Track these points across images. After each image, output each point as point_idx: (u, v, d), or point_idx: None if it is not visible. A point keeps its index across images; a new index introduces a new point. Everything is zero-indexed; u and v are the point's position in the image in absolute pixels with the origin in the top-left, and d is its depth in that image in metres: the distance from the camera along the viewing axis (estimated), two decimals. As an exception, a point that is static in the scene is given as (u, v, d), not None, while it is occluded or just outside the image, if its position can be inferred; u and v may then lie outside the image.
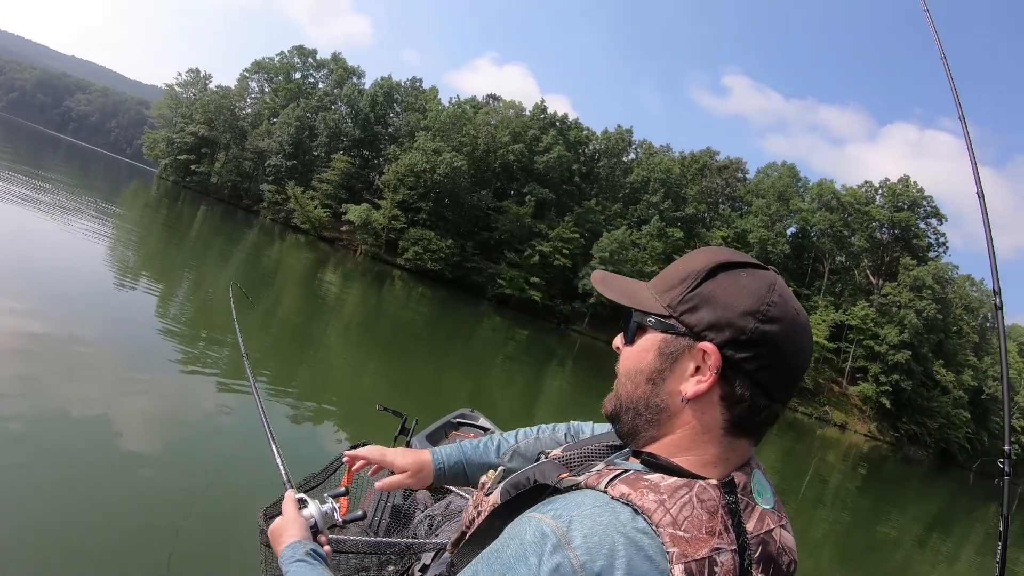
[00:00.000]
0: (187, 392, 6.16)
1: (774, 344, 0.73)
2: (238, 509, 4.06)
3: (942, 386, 47.26)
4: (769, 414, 0.76)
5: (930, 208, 50.37)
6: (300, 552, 1.13)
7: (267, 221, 50.96)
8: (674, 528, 0.68)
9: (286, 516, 1.24)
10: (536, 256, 44.28)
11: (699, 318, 0.75)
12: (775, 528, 0.76)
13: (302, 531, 1.21)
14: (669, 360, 0.77)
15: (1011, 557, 11.15)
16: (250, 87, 63.21)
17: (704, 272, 0.77)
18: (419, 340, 16.55)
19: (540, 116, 49.02)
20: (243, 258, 21.19)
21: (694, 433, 0.76)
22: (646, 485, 0.71)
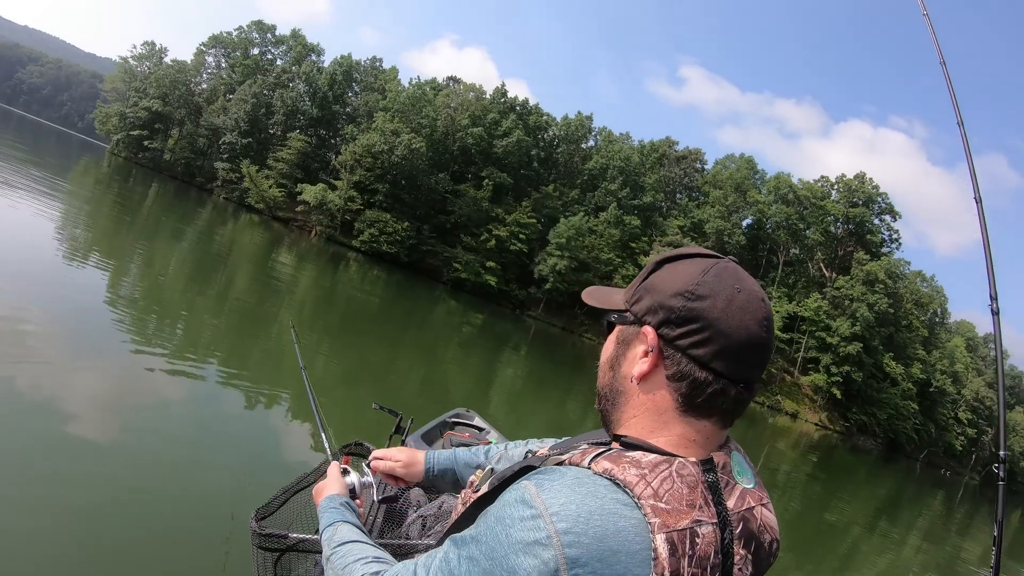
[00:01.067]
0: (140, 380, 5.74)
1: (706, 318, 0.77)
2: (218, 508, 3.91)
3: (891, 378, 48.36)
4: (718, 391, 0.77)
5: (884, 205, 51.34)
6: (336, 502, 1.22)
7: (221, 200, 49.68)
8: (655, 500, 0.70)
9: (330, 477, 1.35)
10: (493, 240, 43.81)
11: (641, 306, 0.82)
12: (756, 506, 0.79)
13: (342, 489, 1.31)
14: (623, 347, 0.85)
15: (964, 547, 11.07)
16: (207, 62, 61.16)
17: (652, 267, 0.85)
18: (373, 324, 16.25)
19: (500, 100, 48.41)
20: (196, 238, 20.55)
21: (652, 414, 0.80)
22: (628, 461, 0.74)
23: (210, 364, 6.99)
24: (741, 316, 0.78)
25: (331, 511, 1.19)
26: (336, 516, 1.17)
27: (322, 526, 1.17)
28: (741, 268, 0.83)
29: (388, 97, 48.76)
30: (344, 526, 1.12)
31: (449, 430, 3.88)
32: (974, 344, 62.32)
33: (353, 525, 1.14)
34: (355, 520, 1.17)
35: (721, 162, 51.53)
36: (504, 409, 11.06)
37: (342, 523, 1.14)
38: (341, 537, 1.08)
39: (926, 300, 52.00)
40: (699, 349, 0.77)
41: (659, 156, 49.69)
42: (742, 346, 0.77)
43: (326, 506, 1.22)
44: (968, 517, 28.23)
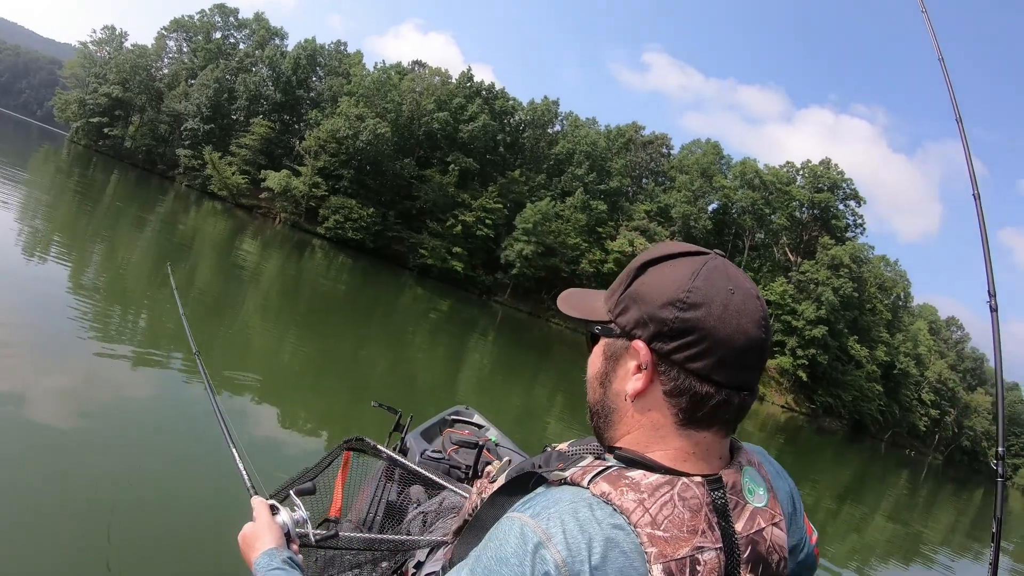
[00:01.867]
0: (102, 376, 5.48)
1: (702, 329, 0.71)
2: (202, 521, 3.73)
3: (856, 361, 49.13)
4: (721, 402, 0.73)
5: (849, 190, 51.91)
6: (277, 560, 1.08)
7: (183, 188, 48.74)
8: (653, 528, 0.67)
9: (259, 521, 1.19)
10: (459, 226, 43.49)
11: (628, 318, 0.76)
12: (767, 527, 0.75)
13: (277, 538, 1.15)
14: (612, 362, 0.78)
15: (928, 524, 11.04)
16: (168, 46, 59.66)
17: (634, 271, 0.78)
18: (339, 311, 16.05)
19: (466, 84, 47.93)
20: (158, 226, 20.13)
21: (648, 430, 0.76)
22: (627, 483, 0.70)
23: (174, 355, 6.81)
24: (738, 320, 0.72)
25: (275, 572, 1.04)
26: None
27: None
28: (730, 263, 0.77)
29: (353, 82, 48.03)
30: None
31: (448, 427, 3.83)
32: (936, 327, 63.66)
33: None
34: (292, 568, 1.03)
35: (687, 147, 51.71)
36: (473, 395, 10.97)
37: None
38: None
39: (889, 284, 52.88)
40: (697, 362, 0.71)
41: (625, 141, 49.70)
42: (742, 352, 0.72)
43: (266, 566, 1.06)
44: (932, 495, 28.92)
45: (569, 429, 10.91)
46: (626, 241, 44.43)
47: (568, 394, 16.98)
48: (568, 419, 12.14)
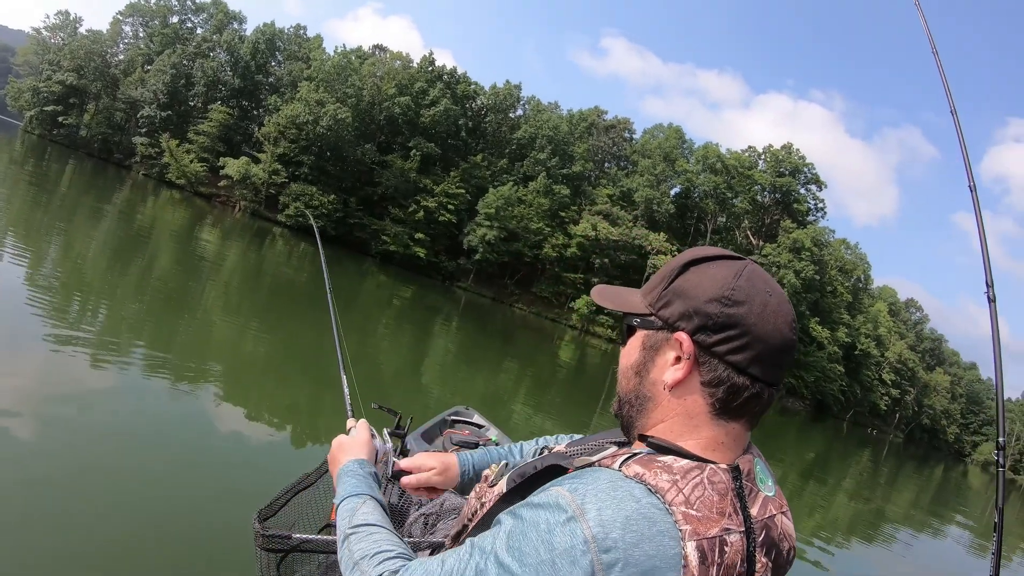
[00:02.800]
0: (60, 368, 5.25)
1: (743, 325, 0.76)
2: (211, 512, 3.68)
3: (818, 342, 50.00)
4: (754, 395, 0.77)
5: (810, 175, 52.60)
6: (365, 469, 1.11)
7: (140, 176, 47.61)
8: (686, 507, 0.70)
9: (360, 436, 1.23)
10: (421, 212, 43.16)
11: (672, 311, 0.80)
12: (777, 514, 0.79)
13: (369, 454, 1.19)
14: (651, 353, 0.82)
15: (891, 499, 11.07)
16: (124, 32, 58.20)
17: (677, 269, 0.83)
18: (301, 300, 15.76)
19: (428, 69, 47.43)
20: (115, 217, 19.53)
21: (683, 419, 0.79)
22: (659, 466, 0.73)
23: (135, 349, 6.58)
24: (775, 320, 0.77)
25: (357, 479, 1.06)
26: (363, 487, 1.03)
27: (343, 493, 1.03)
28: (762, 269, 0.82)
29: (313, 66, 47.23)
30: (371, 503, 1.00)
31: (449, 428, 3.82)
32: (896, 309, 65.13)
33: (380, 505, 1.01)
34: (382, 498, 1.04)
35: (649, 131, 51.92)
36: (438, 382, 10.85)
37: (370, 499, 1.01)
38: (366, 516, 0.96)
39: (850, 267, 53.88)
40: (737, 355, 0.76)
41: (588, 125, 49.70)
42: (776, 350, 0.77)
43: (352, 471, 1.08)
44: (894, 472, 29.61)
45: (536, 413, 10.92)
46: (589, 225, 44.52)
47: (533, 379, 16.99)
48: (534, 404, 12.18)
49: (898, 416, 64.59)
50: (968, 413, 78.45)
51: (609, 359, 34.08)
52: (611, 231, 44.36)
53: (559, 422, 10.88)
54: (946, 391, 70.16)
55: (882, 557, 9.65)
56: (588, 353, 34.38)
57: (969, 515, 20.03)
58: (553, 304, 45.91)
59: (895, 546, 10.73)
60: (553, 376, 19.47)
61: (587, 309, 43.97)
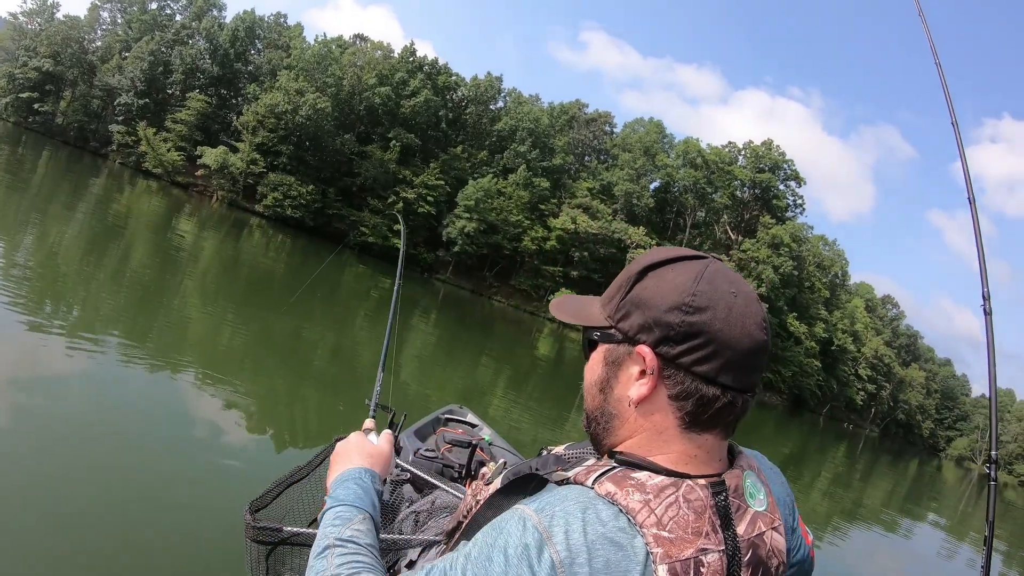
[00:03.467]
0: (36, 360, 5.15)
1: (708, 332, 0.72)
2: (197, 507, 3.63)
3: (795, 337, 50.51)
4: (726, 404, 0.73)
5: (790, 171, 53.03)
6: (376, 481, 1.04)
7: (116, 165, 47.00)
8: (658, 528, 0.67)
9: (382, 448, 1.16)
10: (400, 203, 42.95)
11: (632, 323, 0.76)
12: (767, 531, 0.75)
13: (386, 471, 1.12)
14: (614, 368, 0.78)
15: (866, 493, 11.13)
16: (101, 17, 57.29)
17: (634, 276, 0.78)
18: (279, 291, 15.70)
19: (408, 59, 47.16)
20: (90, 207, 19.29)
21: (651, 434, 0.76)
22: (632, 484, 0.70)
23: (110, 341, 6.47)
24: (743, 323, 0.73)
25: (363, 490, 0.98)
26: (366, 502, 0.96)
27: (344, 497, 0.95)
28: (726, 266, 0.78)
29: (292, 55, 46.79)
30: (369, 523, 0.92)
31: (442, 427, 3.79)
32: (873, 305, 65.96)
33: (375, 529, 0.93)
34: (380, 521, 0.98)
35: (630, 125, 52.09)
36: (416, 376, 10.77)
37: (369, 517, 0.94)
38: (360, 535, 0.88)
39: (828, 263, 54.40)
40: (704, 365, 0.72)
41: (569, 119, 49.72)
42: (747, 354, 0.73)
43: (360, 479, 1.00)
44: (869, 465, 30.06)
45: (514, 407, 10.91)
46: (569, 218, 44.61)
47: (512, 371, 17.06)
48: (512, 397, 12.14)
49: (874, 411, 65.49)
50: (943, 409, 79.74)
51: (587, 352, 34.05)
52: (591, 224, 44.47)
53: (536, 416, 10.88)
54: (921, 387, 71.21)
55: (858, 551, 9.73)
56: (567, 347, 34.49)
57: (943, 509, 20.50)
58: (532, 297, 45.99)
59: (871, 540, 10.83)
60: (532, 370, 19.52)
61: (566, 302, 43.95)
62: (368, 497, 0.97)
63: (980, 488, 40.59)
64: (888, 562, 9.80)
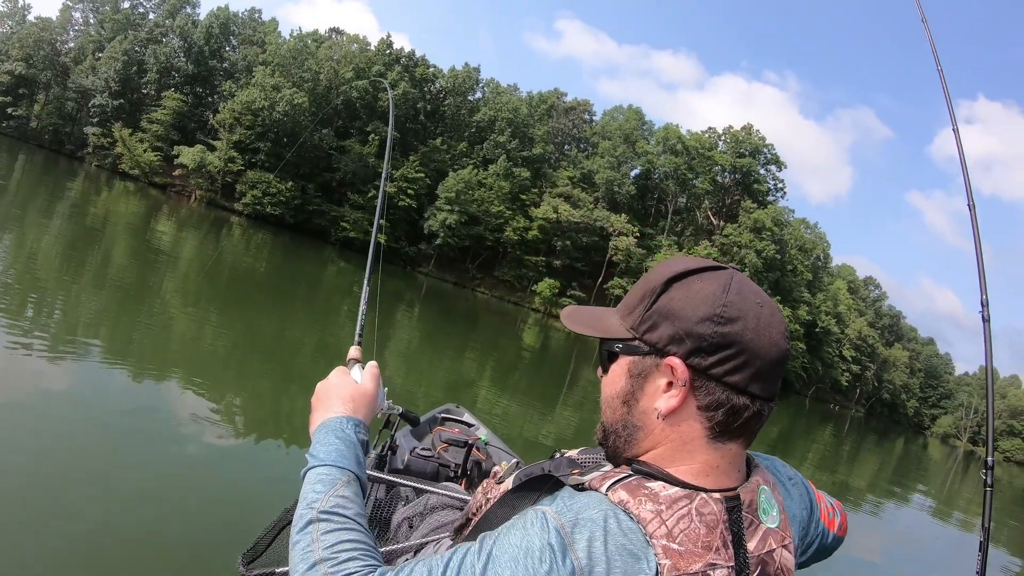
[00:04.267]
0: (16, 369, 4.93)
1: (740, 342, 0.72)
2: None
3: (779, 320, 50.82)
4: (755, 414, 0.74)
5: (770, 155, 53.35)
6: (360, 435, 0.93)
7: (92, 168, 46.49)
8: (668, 540, 0.67)
9: (366, 387, 1.03)
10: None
11: (660, 335, 0.75)
12: (777, 548, 0.75)
13: (371, 415, 1.00)
14: (640, 380, 0.77)
15: (853, 473, 11.12)
16: (74, 18, 56.63)
17: (658, 288, 0.77)
18: (261, 290, 15.62)
19: (385, 52, 46.89)
20: (67, 211, 19.03)
21: (677, 444, 0.75)
22: (646, 494, 0.70)
23: (91, 347, 6.36)
24: (769, 332, 0.73)
25: (346, 445, 0.88)
26: (350, 459, 0.87)
27: (324, 456, 0.86)
28: (747, 278, 0.78)
29: (268, 51, 46.43)
30: (354, 486, 0.84)
31: (438, 426, 3.78)
32: (855, 286, 66.60)
33: (362, 489, 0.85)
34: (366, 478, 0.88)
35: (609, 113, 52.15)
36: (402, 371, 10.68)
37: (354, 479, 0.85)
38: (345, 504, 0.80)
39: (810, 246, 54.80)
40: (736, 375, 0.72)
41: (548, 108, 49.67)
42: (774, 363, 0.74)
43: (341, 430, 0.90)
44: (856, 445, 30.32)
45: (501, 397, 10.86)
46: (550, 208, 44.64)
47: (498, 362, 17.02)
48: (499, 387, 12.11)
49: (859, 391, 66.23)
50: (927, 387, 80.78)
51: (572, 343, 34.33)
52: (572, 213, 44.52)
53: (524, 406, 10.85)
54: (905, 366, 72.10)
55: (849, 530, 9.83)
56: (552, 336, 34.57)
57: (931, 487, 20.72)
58: (515, 288, 46.03)
59: (861, 520, 10.80)
60: (517, 361, 19.50)
61: (550, 292, 44.15)
62: (352, 452, 0.89)
63: (967, 465, 41.10)
64: (881, 541, 9.80)
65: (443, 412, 4.09)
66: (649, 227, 48.91)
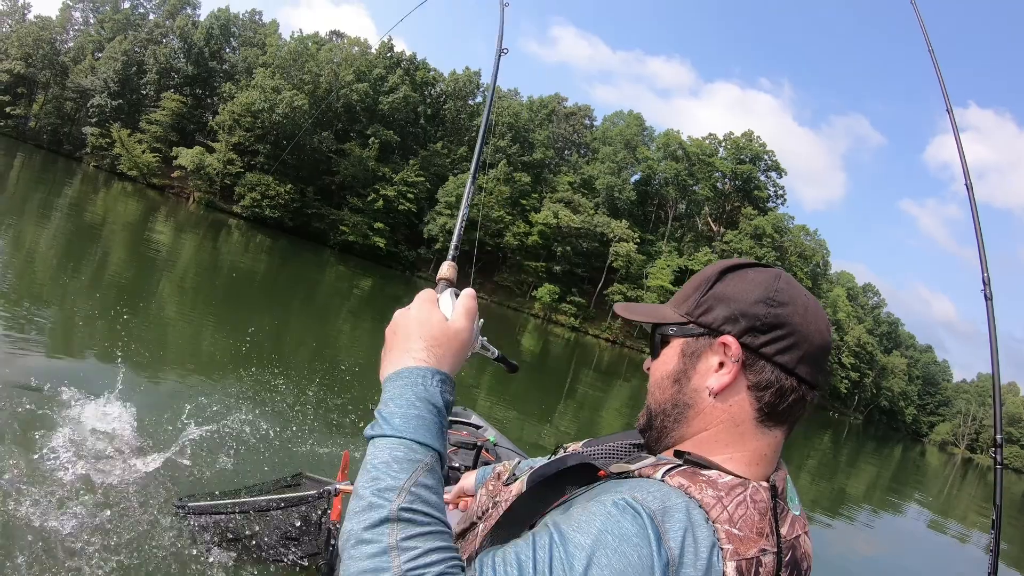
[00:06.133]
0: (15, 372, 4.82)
1: (791, 324, 0.76)
2: None
3: (779, 328, 50.71)
4: (799, 398, 0.77)
5: (771, 162, 53.29)
6: (447, 394, 0.76)
7: (91, 168, 46.40)
8: (730, 525, 0.68)
9: (459, 324, 0.81)
10: (380, 201, 42.70)
11: (715, 315, 0.79)
12: (801, 535, 0.78)
13: (459, 364, 0.81)
14: (692, 360, 0.80)
15: (849, 482, 10.96)
16: (73, 17, 56.56)
17: (714, 277, 0.82)
18: (259, 293, 15.52)
19: (386, 55, 46.78)
20: (65, 212, 18.77)
21: (727, 427, 0.77)
22: (704, 480, 0.71)
23: (88, 348, 6.29)
24: (816, 321, 0.77)
25: (430, 411, 0.72)
26: (433, 432, 0.71)
27: (404, 426, 0.70)
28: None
29: (268, 52, 46.28)
30: (436, 470, 0.70)
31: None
32: (854, 293, 66.51)
33: (441, 478, 0.71)
34: (446, 451, 0.74)
35: (610, 118, 52.02)
36: None
37: (437, 457, 0.71)
38: (429, 497, 0.67)
39: (809, 252, 54.71)
40: (785, 355, 0.75)
41: (548, 112, 49.55)
42: (820, 350, 0.77)
43: (428, 388, 0.73)
44: (854, 452, 30.23)
45: (500, 402, 10.80)
46: (550, 213, 44.52)
47: (496, 368, 16.67)
48: (498, 392, 11.99)
49: (857, 398, 66.14)
50: (924, 395, 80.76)
51: (572, 348, 34.16)
52: (572, 219, 44.43)
53: (523, 411, 10.80)
54: (903, 373, 72.06)
55: (847, 537, 9.72)
56: (551, 342, 34.49)
57: (928, 494, 20.67)
58: (515, 293, 45.89)
59: (856, 523, 10.81)
60: (517, 364, 19.48)
61: (549, 298, 44.01)
62: (436, 421, 0.72)
63: (964, 473, 41.07)
64: (878, 549, 9.76)
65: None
66: (649, 233, 48.80)
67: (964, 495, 24.59)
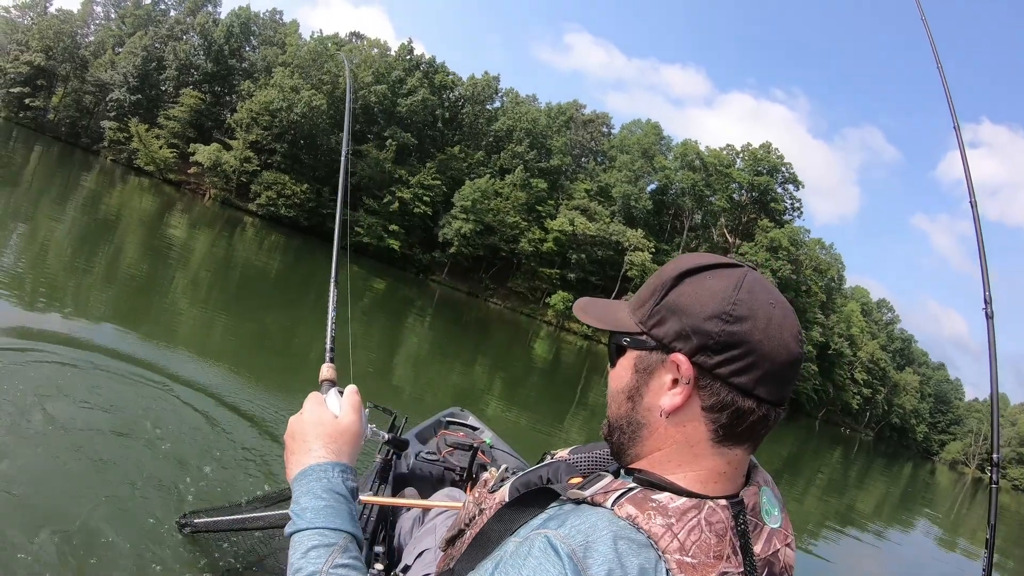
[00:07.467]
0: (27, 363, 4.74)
1: (748, 342, 0.69)
2: None
3: (792, 341, 50.21)
4: (760, 418, 0.71)
5: (788, 174, 52.87)
6: (349, 482, 0.85)
7: (107, 162, 46.53)
8: (681, 554, 0.65)
9: (346, 421, 0.92)
10: (396, 203, 42.58)
11: (667, 330, 0.73)
12: (780, 548, 0.74)
13: (355, 454, 0.90)
14: (645, 376, 0.75)
15: (859, 498, 10.75)
16: (95, 12, 56.87)
17: (669, 282, 0.75)
18: (272, 292, 15.54)
19: (406, 57, 46.74)
20: (80, 204, 18.90)
21: (681, 447, 0.73)
22: (654, 507, 0.68)
23: (101, 336, 6.17)
24: (780, 335, 0.70)
25: (336, 500, 0.81)
26: (343, 516, 0.80)
27: (313, 519, 0.79)
28: (762, 276, 0.76)
29: (288, 52, 46.35)
30: (352, 550, 0.78)
31: (444, 429, 3.78)
32: (868, 309, 65.93)
33: (359, 547, 0.80)
34: (361, 534, 0.82)
35: (627, 127, 51.79)
36: (409, 378, 10.51)
37: (352, 541, 0.79)
38: (339, 570, 0.75)
39: (824, 267, 54.23)
40: (742, 376, 0.69)
41: (566, 119, 49.35)
42: (784, 367, 0.71)
43: (328, 481, 0.82)
44: (864, 469, 29.87)
45: (510, 408, 10.72)
46: (566, 220, 44.26)
47: (508, 372, 16.83)
48: (508, 398, 11.93)
49: (869, 415, 65.47)
50: (936, 412, 79.96)
51: (584, 356, 33.95)
52: (588, 227, 44.16)
53: (533, 418, 10.71)
54: (915, 391, 71.36)
55: (854, 555, 9.55)
56: (563, 350, 34.26)
57: (939, 514, 20.33)
58: (528, 299, 45.64)
59: (867, 544, 10.62)
60: (528, 372, 19.30)
61: (563, 305, 43.73)
62: (344, 508, 0.80)
63: (974, 492, 40.58)
64: (884, 567, 9.63)
65: (447, 415, 4.03)
66: (664, 243, 48.47)
67: (973, 515, 24.23)
